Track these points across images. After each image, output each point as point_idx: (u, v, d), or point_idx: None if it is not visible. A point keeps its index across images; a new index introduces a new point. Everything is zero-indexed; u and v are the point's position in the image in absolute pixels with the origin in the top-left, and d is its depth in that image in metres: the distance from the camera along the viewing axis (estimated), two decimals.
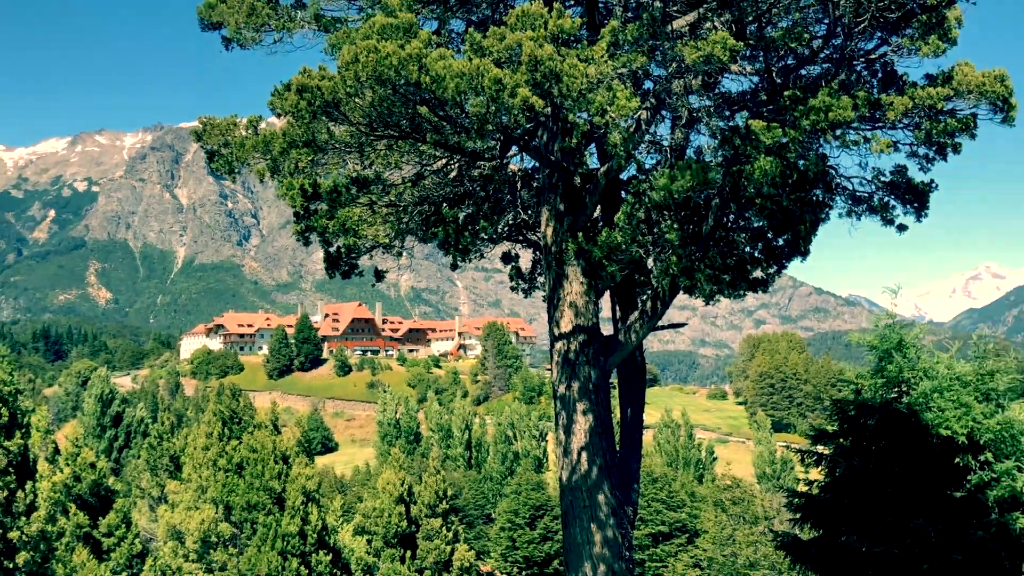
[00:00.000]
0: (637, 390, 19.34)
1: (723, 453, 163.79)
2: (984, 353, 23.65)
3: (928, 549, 20.33)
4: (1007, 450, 21.38)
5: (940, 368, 22.19)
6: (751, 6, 14.71)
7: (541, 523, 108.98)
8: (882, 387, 22.46)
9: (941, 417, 21.12)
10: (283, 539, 41.59)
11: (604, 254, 15.85)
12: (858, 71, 16.01)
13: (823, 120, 14.25)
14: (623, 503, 17.83)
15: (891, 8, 14.41)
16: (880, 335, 23.19)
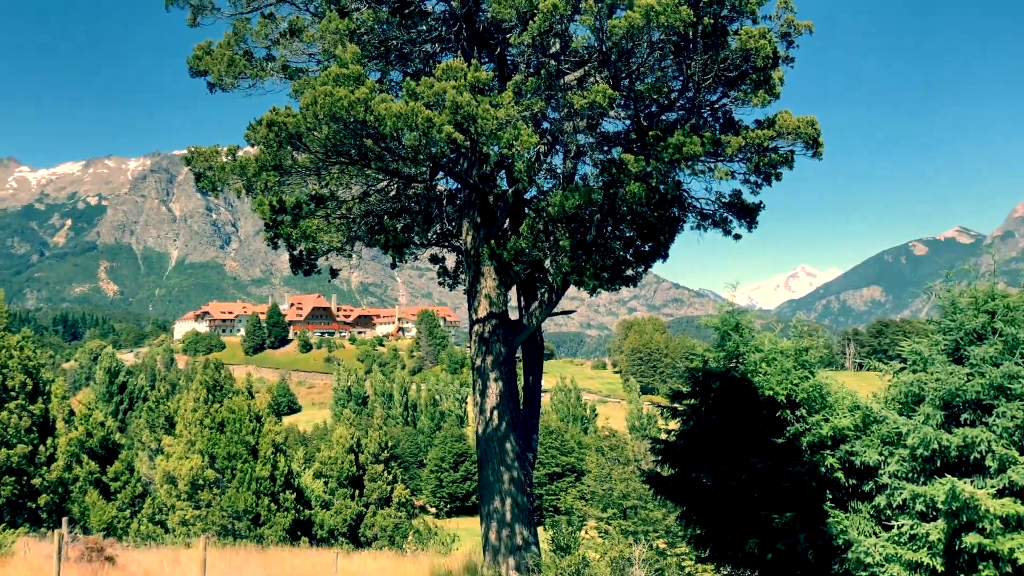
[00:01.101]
0: (537, 362, 19.47)
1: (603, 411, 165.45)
2: (800, 333, 24.25)
3: (759, 482, 20.80)
4: (816, 406, 21.96)
5: (766, 344, 22.70)
6: (624, 66, 14.89)
7: (463, 467, 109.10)
8: (723, 359, 22.91)
9: (767, 381, 21.61)
10: (257, 481, 41.42)
11: (512, 257, 15.93)
12: (705, 117, 16.30)
13: (678, 154, 14.50)
14: (525, 450, 17.95)
15: (730, 69, 14.71)
16: (722, 319, 23.65)
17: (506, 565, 17.15)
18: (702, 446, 22.12)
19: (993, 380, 19.86)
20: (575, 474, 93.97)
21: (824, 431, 21.17)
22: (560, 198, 15.07)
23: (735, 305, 24.51)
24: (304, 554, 28.64)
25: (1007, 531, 17.70)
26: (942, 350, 21.81)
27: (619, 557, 17.01)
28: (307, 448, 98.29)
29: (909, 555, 18.98)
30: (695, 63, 14.66)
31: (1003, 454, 18.82)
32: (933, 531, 18.70)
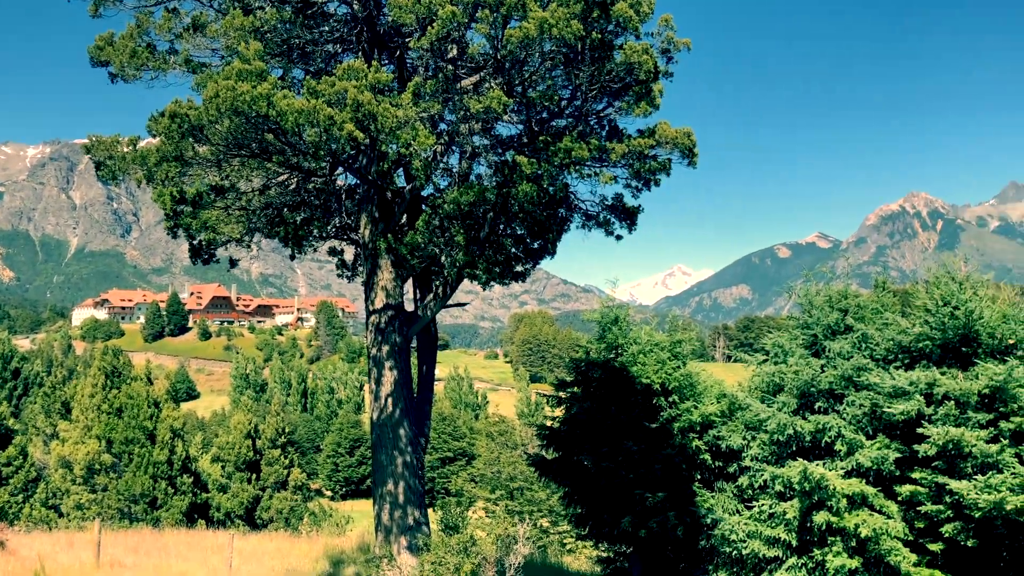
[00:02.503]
0: (431, 352, 19.42)
1: (494, 398, 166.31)
2: (674, 327, 24.90)
3: (634, 464, 21.27)
4: (687, 394, 22.59)
5: (643, 337, 23.23)
6: (517, 74, 14.98)
7: (358, 452, 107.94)
8: (604, 350, 23.33)
9: (644, 371, 22.12)
10: (154, 466, 40.10)
11: (408, 251, 15.85)
12: (592, 124, 16.55)
13: (567, 158, 14.71)
14: (418, 435, 17.89)
15: (614, 81, 14.99)
16: (603, 313, 24.08)
17: (398, 544, 17.08)
18: (584, 431, 22.48)
19: (844, 372, 20.83)
20: (466, 458, 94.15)
21: (694, 417, 21.82)
22: (455, 195, 15.08)
23: (616, 300, 25.00)
24: (201, 536, 27.86)
25: (853, 509, 18.61)
26: (800, 344, 22.74)
27: (505, 535, 17.14)
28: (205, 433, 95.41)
29: (768, 531, 19.76)
30: (583, 74, 14.87)
31: (851, 439, 19.76)
32: (789, 509, 19.51)
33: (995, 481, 17.57)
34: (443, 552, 15.54)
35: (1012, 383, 18.70)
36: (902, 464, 19.73)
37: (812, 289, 23.31)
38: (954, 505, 18.38)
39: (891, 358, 21.39)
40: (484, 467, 51.40)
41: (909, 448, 19.59)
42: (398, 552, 17.00)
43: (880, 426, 20.24)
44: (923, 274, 23.60)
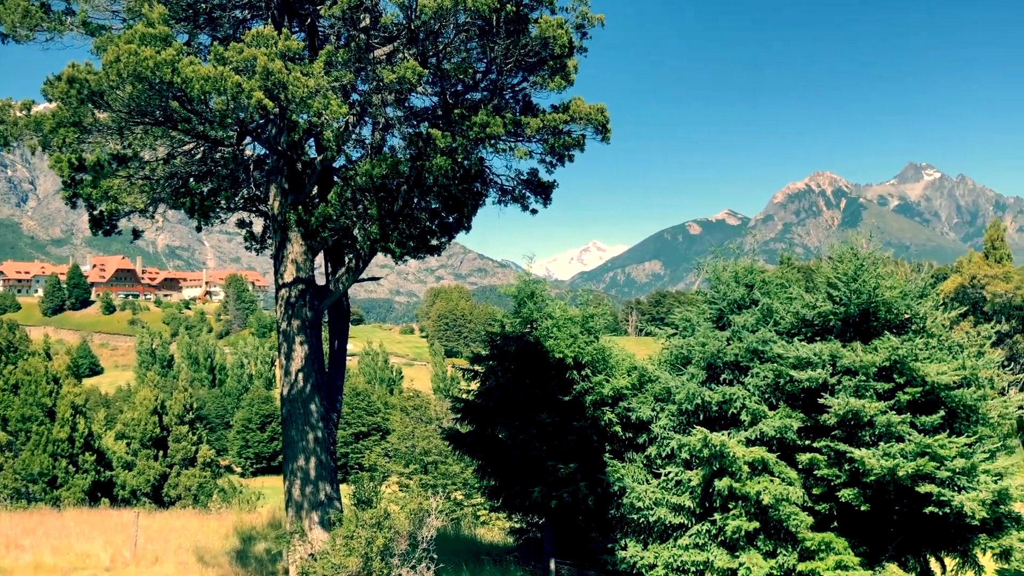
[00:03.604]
0: (342, 326, 19.21)
1: (409, 373, 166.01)
2: (588, 302, 25.24)
3: (547, 436, 21.54)
4: (600, 368, 22.96)
5: (557, 311, 23.48)
6: (432, 45, 14.82)
7: (270, 428, 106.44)
8: (519, 324, 23.50)
9: (557, 345, 22.37)
10: (54, 444, 38.79)
11: (319, 223, 15.59)
12: (507, 98, 16.48)
13: (482, 132, 14.65)
14: (330, 411, 17.72)
15: (530, 55, 14.96)
16: (519, 288, 24.23)
17: (309, 520, 16.93)
18: (498, 404, 22.65)
19: (749, 344, 21.49)
20: (380, 433, 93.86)
21: (605, 390, 22.21)
22: (368, 167, 14.87)
23: (533, 276, 25.18)
24: (104, 515, 27.12)
25: (753, 475, 19.29)
26: (708, 318, 23.35)
27: (418, 509, 17.17)
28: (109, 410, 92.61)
29: (674, 499, 20.33)
30: (498, 47, 14.80)
31: (755, 409, 20.44)
32: (694, 477, 20.11)
33: (893, 450, 18.44)
34: (355, 527, 15.49)
35: (909, 356, 19.60)
36: (805, 433, 20.52)
37: (720, 265, 23.92)
38: (851, 472, 19.22)
39: (795, 331, 22.15)
40: (398, 441, 51.28)
41: (811, 418, 20.38)
42: (310, 528, 16.86)
43: (783, 397, 20.98)
44: (827, 251, 24.44)
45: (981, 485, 18.38)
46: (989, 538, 19.52)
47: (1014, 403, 21.65)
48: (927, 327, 21.30)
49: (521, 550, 24.01)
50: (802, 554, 19.24)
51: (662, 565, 19.97)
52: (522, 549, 24.08)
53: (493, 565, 21.78)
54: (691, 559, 19.64)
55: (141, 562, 20.01)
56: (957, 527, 19.33)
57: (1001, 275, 38.28)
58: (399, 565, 15.72)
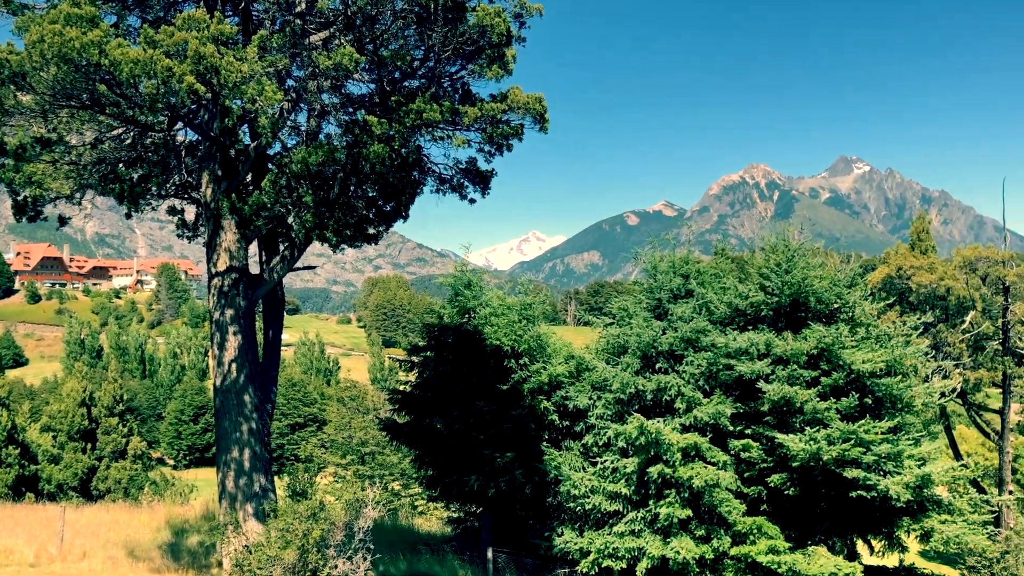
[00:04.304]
0: (277, 316, 18.95)
1: (347, 363, 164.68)
2: (526, 291, 25.32)
3: (484, 425, 21.59)
4: (538, 356, 23.08)
5: (495, 300, 23.51)
6: (369, 31, 14.66)
7: (203, 419, 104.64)
8: (457, 314, 23.48)
9: (495, 334, 22.41)
10: None
11: (253, 211, 15.33)
12: (445, 86, 16.40)
13: (419, 120, 14.57)
14: (264, 401, 17.48)
15: (468, 43, 14.90)
16: (456, 277, 24.21)
17: (243, 512, 16.70)
18: (436, 394, 22.62)
19: (684, 334, 21.82)
20: (317, 424, 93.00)
21: (543, 378, 22.34)
22: (304, 155, 14.67)
23: (471, 265, 25.17)
24: (29, 510, 26.34)
25: (687, 461, 19.63)
26: (645, 307, 23.63)
27: (354, 499, 17.07)
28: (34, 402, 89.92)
29: (610, 487, 20.57)
30: (436, 34, 14.71)
31: (690, 396, 20.78)
32: (630, 464, 20.37)
33: (819, 435, 18.95)
34: (291, 518, 15.33)
35: (836, 345, 20.14)
36: (738, 420, 20.95)
37: (657, 256, 24.23)
38: (781, 457, 19.70)
39: (728, 321, 22.57)
40: (335, 432, 50.82)
41: (745, 405, 20.82)
42: (244, 520, 16.64)
43: (717, 384, 21.37)
44: (760, 242, 24.92)
45: (906, 470, 19.01)
46: (912, 521, 20.20)
47: (937, 390, 22.42)
48: (855, 316, 21.90)
49: (459, 539, 24.06)
50: (735, 538, 19.66)
51: (595, 551, 20.21)
52: (460, 538, 24.13)
53: (431, 555, 21.78)
54: (625, 545, 19.91)
55: (68, 558, 19.49)
56: (883, 510, 19.95)
57: (926, 266, 39.50)
58: (335, 556, 15.62)
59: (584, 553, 20.54)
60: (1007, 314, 37.95)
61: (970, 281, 39.13)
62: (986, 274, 39.29)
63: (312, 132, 16.37)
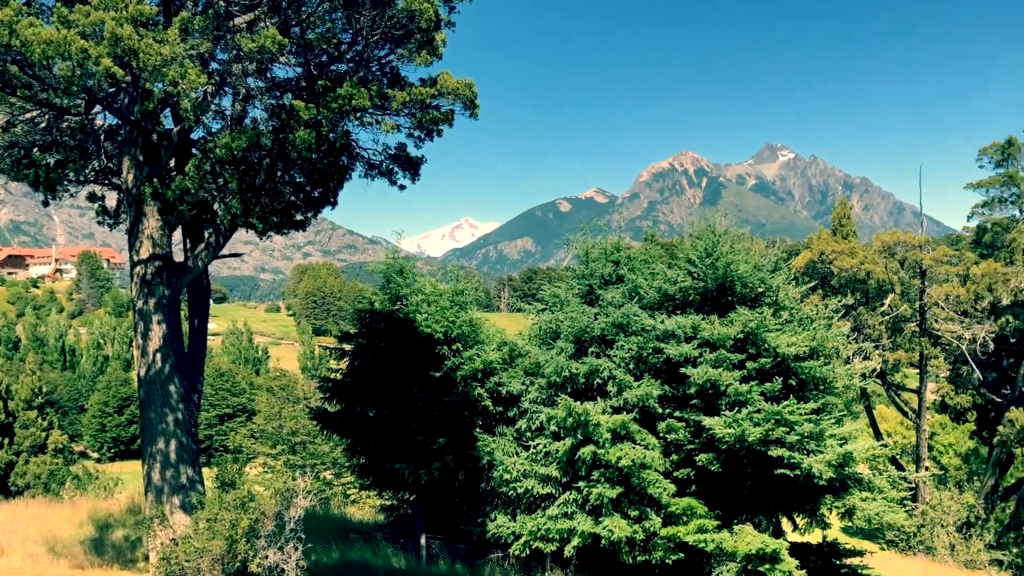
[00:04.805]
0: (203, 304, 18.55)
1: (276, 352, 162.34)
2: (459, 277, 25.30)
3: (417, 412, 21.55)
4: (471, 343, 23.11)
5: (427, 287, 23.44)
6: (294, 14, 14.41)
7: (128, 411, 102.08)
8: (388, 301, 23.34)
9: (428, 320, 22.35)
10: None
11: (176, 197, 14.96)
12: (374, 71, 16.20)
13: (347, 105, 14.38)
14: (190, 392, 17.12)
15: (397, 27, 14.74)
16: (388, 264, 24.06)
17: (170, 504, 16.36)
18: (368, 382, 22.46)
19: (615, 319, 22.09)
20: (246, 414, 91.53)
21: (476, 364, 22.38)
22: (229, 139, 14.36)
23: (402, 252, 25.01)
24: None
25: (615, 442, 19.94)
26: (577, 293, 23.86)
27: (285, 489, 16.87)
28: None
29: (542, 470, 20.76)
30: (364, 18, 14.52)
31: (621, 380, 21.08)
32: (561, 447, 20.59)
33: (742, 416, 19.42)
34: (219, 509, 15.08)
35: (761, 328, 20.63)
36: (667, 403, 21.33)
37: (589, 242, 24.46)
38: (708, 439, 20.13)
39: (658, 306, 22.92)
40: (265, 422, 50.06)
41: (673, 388, 21.21)
42: (171, 512, 16.31)
43: (647, 368, 21.72)
44: (688, 228, 25.35)
45: (828, 449, 19.61)
46: (835, 498, 20.87)
47: (858, 372, 23.16)
48: (779, 300, 22.46)
49: (392, 527, 24.00)
50: (666, 519, 20.04)
51: (527, 534, 20.40)
52: (393, 526, 24.08)
53: (363, 543, 21.69)
54: (557, 527, 20.14)
55: None
56: (806, 488, 20.56)
57: (847, 251, 40.67)
58: (265, 547, 15.43)
59: (516, 536, 20.72)
60: (924, 296, 39.33)
61: (889, 265, 40.42)
62: (904, 258, 40.63)
63: (237, 116, 16.03)
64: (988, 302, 37.96)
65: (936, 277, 39.28)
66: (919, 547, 35.57)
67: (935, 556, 34.81)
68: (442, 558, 21.68)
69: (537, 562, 21.40)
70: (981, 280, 37.57)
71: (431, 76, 15.84)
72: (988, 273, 37.38)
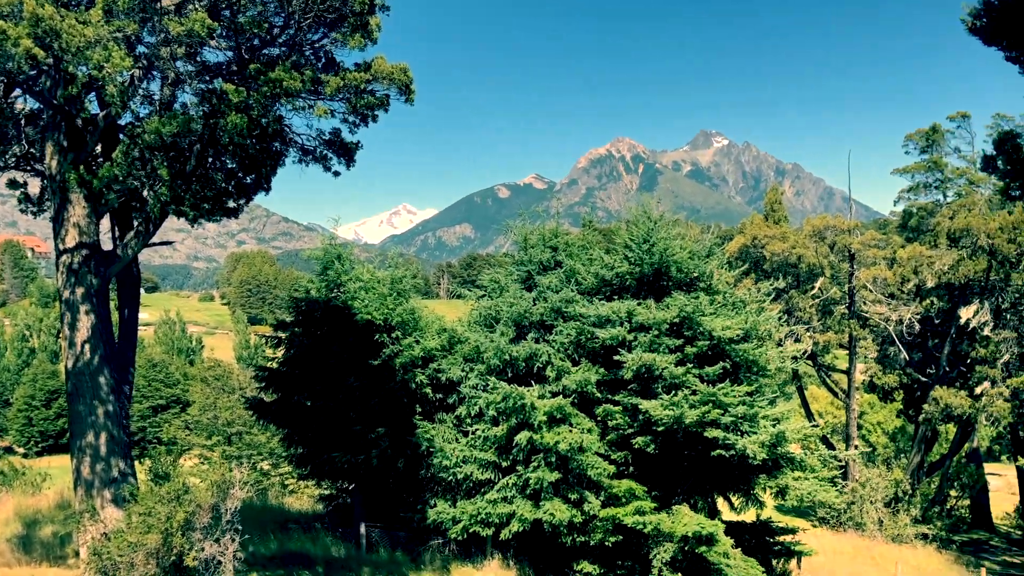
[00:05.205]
0: (133, 294, 18.12)
1: (211, 342, 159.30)
2: (397, 264, 25.15)
3: (356, 399, 21.41)
4: (410, 330, 23.00)
5: (365, 274, 23.25)
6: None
7: (56, 404, 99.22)
8: (325, 288, 23.08)
9: (366, 308, 22.19)
10: None
11: (103, 184, 14.56)
12: (307, 55, 15.94)
13: (279, 89, 14.14)
14: (121, 383, 16.72)
15: (329, 11, 14.52)
16: (324, 251, 23.78)
17: (101, 498, 15.99)
18: (304, 371, 22.21)
19: (554, 304, 22.23)
20: (180, 405, 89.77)
21: (416, 352, 22.30)
22: (157, 125, 14.01)
23: (339, 239, 24.72)
24: None
25: (553, 426, 20.11)
26: (516, 279, 23.92)
27: (221, 481, 16.62)
28: None
29: (481, 455, 20.84)
30: (296, 1, 14.29)
31: (560, 365, 21.24)
32: (499, 432, 20.69)
33: (679, 399, 19.74)
34: (153, 502, 14.80)
35: (697, 312, 20.96)
36: (605, 387, 21.57)
37: (527, 228, 24.54)
38: (645, 421, 20.42)
39: (595, 291, 23.13)
40: (199, 413, 49.16)
41: (611, 372, 21.45)
42: (102, 506, 15.94)
43: (585, 353, 21.92)
44: (626, 214, 25.58)
45: (761, 430, 20.07)
46: (768, 478, 21.39)
47: (789, 354, 23.71)
48: (713, 285, 22.84)
49: (331, 516, 23.84)
50: (605, 501, 20.29)
51: (467, 518, 20.48)
52: (332, 515, 23.91)
53: (302, 533, 21.51)
54: (497, 511, 20.26)
55: None
56: (741, 468, 21.03)
57: (779, 235, 41.51)
58: (202, 539, 15.20)
59: (456, 521, 20.78)
60: (853, 280, 40.38)
61: (819, 249, 41.38)
62: (834, 242, 41.62)
63: (166, 101, 15.65)
64: (914, 284, 39.16)
65: (864, 260, 40.33)
66: (849, 523, 36.65)
67: (864, 532, 35.91)
68: (382, 546, 21.62)
69: (477, 547, 21.50)
70: (907, 263, 38.71)
71: (366, 61, 15.66)
72: (914, 256, 38.53)
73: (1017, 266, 36.98)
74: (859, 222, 45.99)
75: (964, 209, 38.68)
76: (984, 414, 36.66)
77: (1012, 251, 36.48)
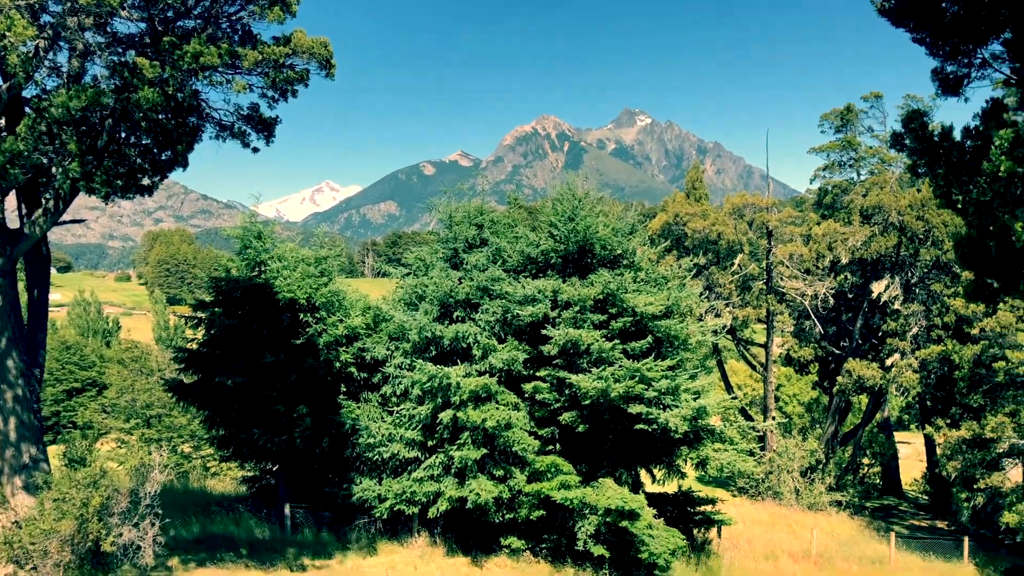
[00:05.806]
0: (43, 274, 17.46)
1: (127, 323, 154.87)
2: (321, 243, 24.79)
3: (275, 378, 21.10)
4: (334, 308, 22.74)
5: (288, 253, 22.87)
6: None
7: None
8: (246, 267, 22.63)
9: (288, 287, 21.83)
10: None
11: (7, 159, 13.94)
12: (224, 28, 15.51)
13: (195, 63, 13.77)
14: (31, 366, 16.14)
15: None
16: (244, 229, 23.27)
17: (12, 486, 15.46)
18: (225, 351, 21.78)
19: (480, 282, 22.22)
20: (96, 388, 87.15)
21: (340, 331, 22.06)
22: (65, 98, 13.50)
23: (260, 216, 24.21)
24: None
25: (479, 404, 20.19)
26: (441, 257, 23.82)
27: (140, 464, 16.24)
28: None
29: (407, 434, 20.80)
30: None
31: (486, 343, 21.27)
32: (424, 411, 20.68)
33: (606, 373, 20.00)
34: (67, 487, 14.40)
35: (620, 289, 21.22)
36: (531, 364, 21.71)
37: (453, 206, 24.41)
38: (571, 396, 20.65)
39: (521, 269, 23.20)
40: (117, 396, 47.73)
41: (537, 349, 21.58)
42: (12, 494, 15.43)
43: (511, 331, 22.00)
44: (551, 192, 25.66)
45: (683, 403, 20.48)
46: (690, 450, 21.87)
47: (710, 328, 24.20)
48: (636, 262, 23.14)
49: (255, 498, 23.52)
50: (531, 476, 20.49)
51: (393, 496, 20.46)
52: (256, 497, 23.59)
53: (225, 515, 21.18)
54: (423, 490, 20.28)
55: None
56: (664, 441, 21.45)
57: (700, 213, 42.24)
58: (120, 524, 14.86)
59: (382, 499, 20.74)
60: (770, 256, 41.39)
61: (738, 226, 42.27)
62: (752, 219, 42.56)
63: (75, 74, 15.07)
64: (829, 260, 40.35)
65: (782, 237, 41.35)
66: (767, 492, 37.80)
67: (782, 500, 37.08)
68: (307, 526, 21.44)
69: (404, 525, 21.49)
70: (822, 240, 39.83)
71: (285, 35, 15.33)
72: (828, 233, 39.67)
73: (925, 242, 38.39)
74: (777, 200, 47.08)
75: (876, 187, 39.92)
76: (894, 385, 38.09)
77: (920, 228, 37.86)
